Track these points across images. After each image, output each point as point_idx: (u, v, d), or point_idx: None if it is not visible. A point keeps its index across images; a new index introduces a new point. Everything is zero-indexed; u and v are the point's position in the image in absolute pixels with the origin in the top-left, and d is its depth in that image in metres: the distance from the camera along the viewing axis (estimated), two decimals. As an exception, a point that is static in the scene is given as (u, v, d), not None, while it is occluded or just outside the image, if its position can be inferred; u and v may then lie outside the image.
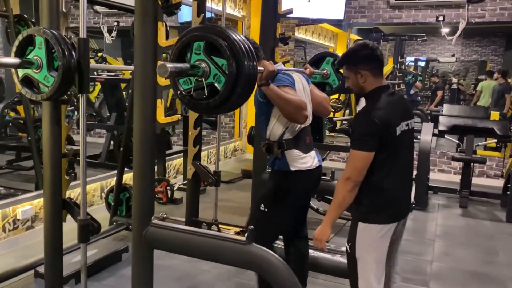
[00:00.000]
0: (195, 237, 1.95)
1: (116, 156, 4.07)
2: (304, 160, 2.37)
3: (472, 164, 5.03)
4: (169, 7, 1.96)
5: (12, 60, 1.96)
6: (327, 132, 9.01)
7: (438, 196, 5.47)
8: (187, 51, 1.64)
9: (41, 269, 2.82)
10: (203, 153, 6.26)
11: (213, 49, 1.59)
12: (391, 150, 1.94)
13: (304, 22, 7.06)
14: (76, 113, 6.96)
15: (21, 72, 2.02)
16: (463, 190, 5.01)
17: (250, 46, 1.62)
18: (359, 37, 10.89)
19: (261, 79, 2.07)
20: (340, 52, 9.74)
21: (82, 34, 2.07)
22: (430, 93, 12.24)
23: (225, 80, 1.56)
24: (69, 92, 2.18)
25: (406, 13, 6.30)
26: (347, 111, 7.67)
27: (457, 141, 5.26)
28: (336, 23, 7.81)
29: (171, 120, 2.00)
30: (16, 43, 2.01)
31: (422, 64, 14.20)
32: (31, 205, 3.65)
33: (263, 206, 2.43)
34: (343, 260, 2.56)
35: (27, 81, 2.02)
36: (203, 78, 1.60)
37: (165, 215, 4.43)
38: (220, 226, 3.63)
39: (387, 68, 7.76)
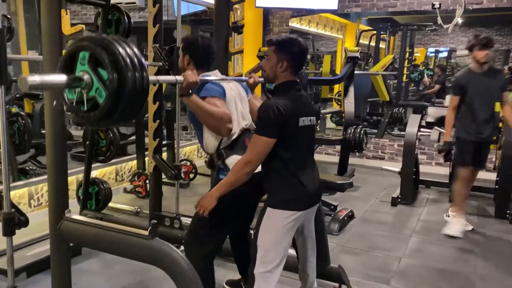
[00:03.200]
0: (103, 231, 1.89)
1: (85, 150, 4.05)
2: None
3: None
4: (71, -6, 1.90)
5: None
6: (333, 126, 8.89)
7: (429, 190, 5.28)
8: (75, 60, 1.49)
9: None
10: (193, 147, 6.24)
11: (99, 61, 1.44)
12: (294, 139, 2.03)
13: (298, 13, 6.90)
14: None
15: None
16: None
17: (140, 58, 1.46)
18: (369, 27, 10.68)
19: (181, 89, 2.04)
20: (349, 44, 9.52)
21: (-3, 24, 2.04)
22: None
23: (105, 95, 1.42)
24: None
25: (401, 1, 6.07)
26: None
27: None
28: (333, 12, 7.60)
29: (77, 110, 1.94)
30: None
31: (443, 55, 13.73)
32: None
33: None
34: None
35: None
36: (84, 91, 1.46)
37: (138, 209, 4.44)
38: (185, 219, 3.59)
39: (386, 60, 7.51)
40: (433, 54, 13.87)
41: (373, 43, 9.97)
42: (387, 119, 7.52)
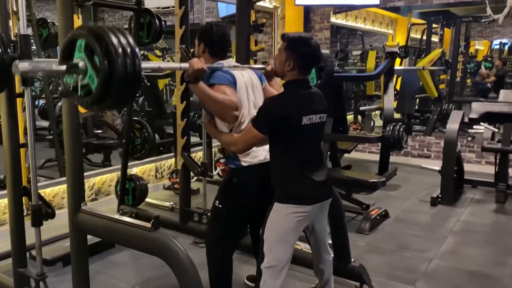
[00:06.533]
0: (112, 223, 2.01)
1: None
2: (256, 154, 2.28)
3: (508, 154, 4.52)
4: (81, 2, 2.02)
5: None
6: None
7: (475, 190, 5.00)
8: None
9: (34, 252, 3.07)
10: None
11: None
12: (297, 137, 2.04)
13: (339, 9, 6.80)
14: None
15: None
16: (500, 183, 4.53)
17: (133, 47, 1.51)
18: (421, 21, 10.30)
19: (187, 76, 2.05)
20: (400, 39, 9.24)
21: (23, 30, 2.21)
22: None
23: (97, 82, 1.49)
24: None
25: (448, -8, 5.80)
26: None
27: (493, 129, 4.75)
28: (376, 7, 7.39)
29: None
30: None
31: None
32: (43, 193, 3.94)
33: (217, 202, 2.39)
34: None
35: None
36: (80, 77, 1.53)
37: (174, 205, 4.58)
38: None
39: (434, 54, 7.20)
40: (498, 47, 13.02)
41: (425, 37, 9.61)
42: (435, 116, 7.20)
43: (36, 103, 7.97)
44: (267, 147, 2.33)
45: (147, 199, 4.28)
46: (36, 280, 2.43)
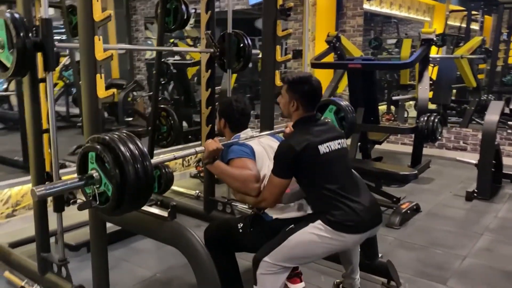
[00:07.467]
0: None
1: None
2: (288, 210, 2.16)
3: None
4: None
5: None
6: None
7: (515, 185, 4.75)
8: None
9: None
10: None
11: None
12: (322, 167, 2.00)
13: (373, -5, 6.57)
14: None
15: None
16: None
17: (142, 149, 1.58)
18: (460, 8, 9.85)
19: (203, 158, 2.09)
20: (437, 27, 8.89)
21: (44, 14, 2.19)
22: None
23: (112, 189, 1.55)
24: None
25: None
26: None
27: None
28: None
29: (107, 94, 2.01)
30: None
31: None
32: (72, 179, 3.97)
33: (240, 225, 2.27)
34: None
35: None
36: (96, 187, 1.60)
37: (199, 193, 4.56)
38: (235, 204, 3.60)
39: (473, 42, 6.85)
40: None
41: (465, 24, 9.21)
42: (473, 107, 6.87)
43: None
44: (301, 201, 2.21)
45: (173, 187, 4.26)
46: (58, 265, 2.45)
